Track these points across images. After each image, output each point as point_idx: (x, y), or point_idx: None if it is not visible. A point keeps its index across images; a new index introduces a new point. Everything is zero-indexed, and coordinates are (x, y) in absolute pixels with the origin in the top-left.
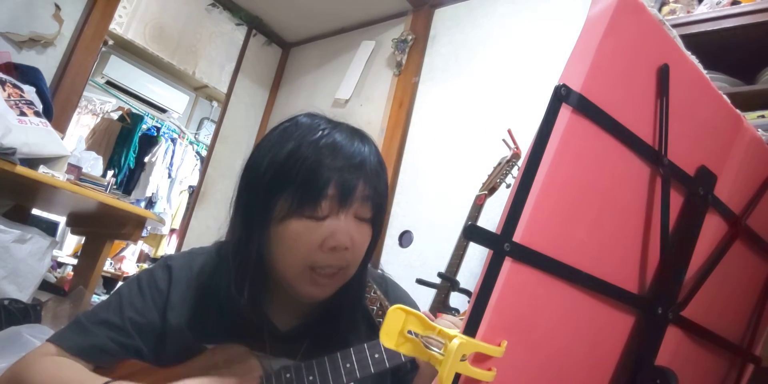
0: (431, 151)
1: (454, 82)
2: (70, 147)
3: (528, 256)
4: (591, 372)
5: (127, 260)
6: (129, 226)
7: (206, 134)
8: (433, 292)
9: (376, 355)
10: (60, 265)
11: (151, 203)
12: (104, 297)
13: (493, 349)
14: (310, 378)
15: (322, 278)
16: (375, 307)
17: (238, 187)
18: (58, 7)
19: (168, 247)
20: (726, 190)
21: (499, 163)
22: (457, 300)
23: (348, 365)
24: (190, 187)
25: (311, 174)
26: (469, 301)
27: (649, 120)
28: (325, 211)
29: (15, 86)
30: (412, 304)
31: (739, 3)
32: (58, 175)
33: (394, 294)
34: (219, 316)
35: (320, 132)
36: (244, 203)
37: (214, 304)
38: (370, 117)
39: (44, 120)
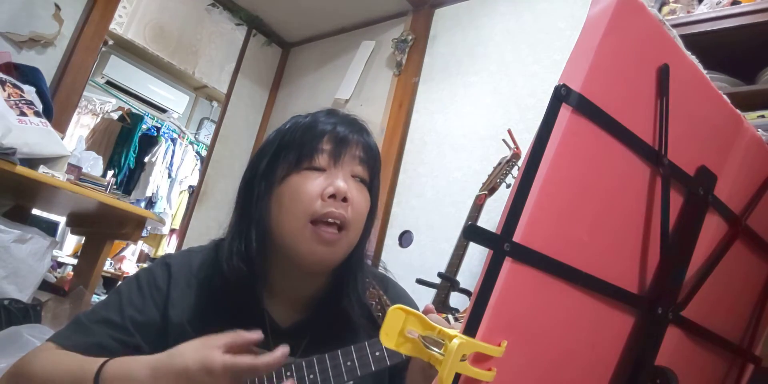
0: (431, 151)
1: (454, 82)
2: (70, 147)
3: (528, 256)
4: (591, 372)
5: (127, 260)
6: (129, 226)
7: (206, 134)
8: (433, 292)
9: (377, 353)
10: (60, 265)
11: (151, 203)
12: (104, 297)
13: (493, 349)
14: (311, 376)
15: (325, 232)
16: (374, 303)
17: (244, 173)
18: (58, 7)
19: (168, 247)
20: (726, 190)
21: (499, 163)
22: (457, 300)
23: (349, 363)
24: (190, 187)
25: (307, 132)
26: (469, 301)
27: (649, 120)
28: (323, 163)
29: (15, 86)
30: (411, 303)
31: (739, 3)
32: (58, 175)
33: (394, 291)
34: (220, 312)
35: (313, 115)
36: (248, 176)
37: (214, 301)
38: (370, 117)
39: (44, 120)
